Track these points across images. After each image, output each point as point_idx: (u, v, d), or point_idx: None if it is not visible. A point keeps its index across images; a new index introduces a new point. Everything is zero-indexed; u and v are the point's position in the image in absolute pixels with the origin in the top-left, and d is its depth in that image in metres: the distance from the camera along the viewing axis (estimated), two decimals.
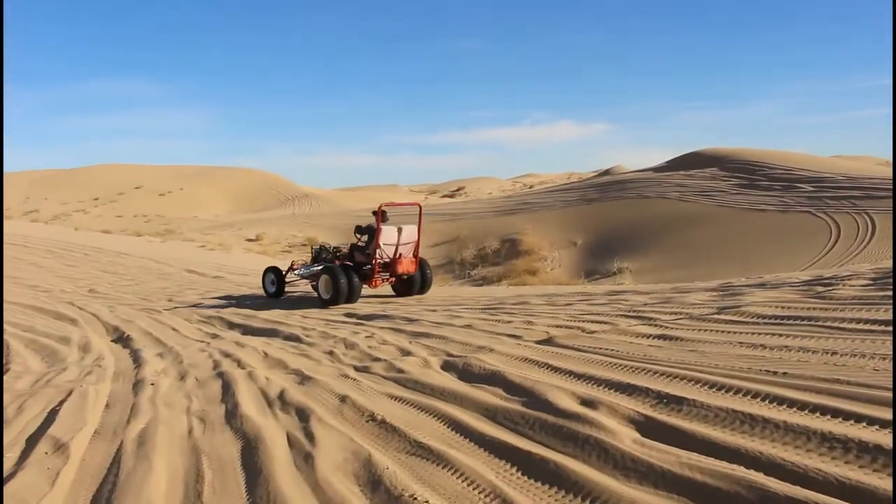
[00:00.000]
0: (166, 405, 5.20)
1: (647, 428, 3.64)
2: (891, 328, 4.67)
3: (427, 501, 3.16)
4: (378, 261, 11.22)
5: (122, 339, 8.98)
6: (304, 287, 12.51)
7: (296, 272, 11.98)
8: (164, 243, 27.35)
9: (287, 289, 12.30)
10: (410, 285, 11.69)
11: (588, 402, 4.11)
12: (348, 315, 9.53)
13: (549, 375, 4.86)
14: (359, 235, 11.78)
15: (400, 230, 11.38)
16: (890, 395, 3.43)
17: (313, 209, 61.22)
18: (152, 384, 5.88)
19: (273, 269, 12.32)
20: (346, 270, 11.01)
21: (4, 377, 7.15)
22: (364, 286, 11.30)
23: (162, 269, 17.70)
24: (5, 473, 4.01)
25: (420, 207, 12.73)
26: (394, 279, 11.60)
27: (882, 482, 2.67)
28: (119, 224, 49.83)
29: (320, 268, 11.32)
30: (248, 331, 8.96)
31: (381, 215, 11.25)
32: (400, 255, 11.36)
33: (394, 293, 11.89)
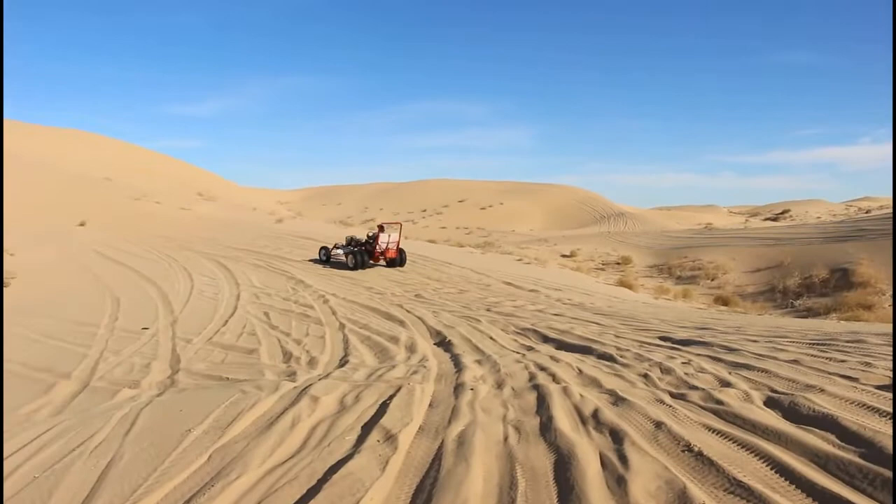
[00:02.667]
0: (484, 411, 5.53)
1: None
2: None
3: None
4: (378, 251, 21.07)
5: (444, 343, 9.77)
6: (338, 260, 21.37)
7: (336, 250, 21.69)
8: (484, 255, 29.12)
9: (332, 260, 21.58)
10: (394, 262, 21.21)
11: None
12: (663, 338, 9.30)
13: (892, 426, 4.30)
14: (368, 236, 21.75)
15: (389, 236, 21.34)
16: None
17: (628, 227, 60.63)
18: (472, 389, 6.30)
19: (324, 247, 22.28)
20: (361, 253, 20.63)
21: (344, 367, 8.21)
22: (371, 262, 21.07)
23: (481, 279, 18.89)
24: (343, 454, 4.60)
25: (400, 224, 22.77)
26: (385, 259, 21.22)
27: None
28: (443, 235, 54.13)
29: (347, 250, 21.13)
30: (562, 346, 9.17)
31: (381, 228, 21.31)
32: (388, 248, 21.25)
33: (386, 266, 21.29)
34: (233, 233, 30.51)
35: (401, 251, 21.54)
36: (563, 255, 37.61)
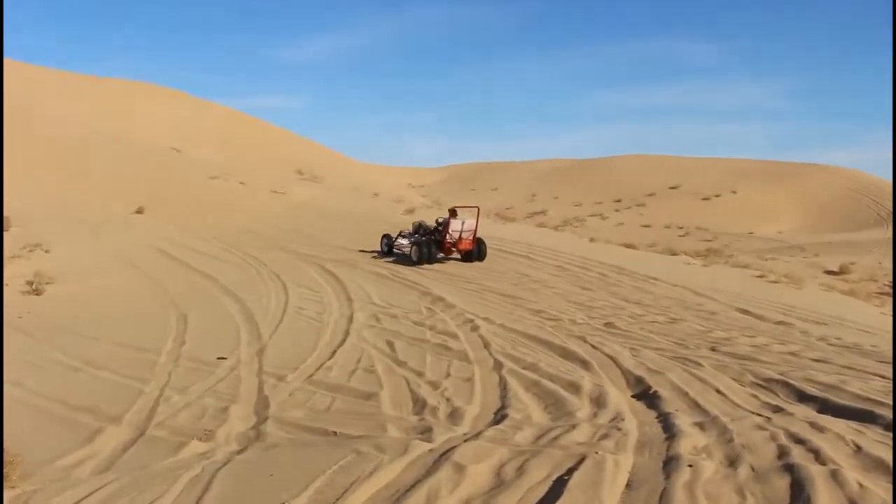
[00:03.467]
0: (710, 499, 5.38)
1: None
2: None
3: None
4: (448, 240, 24.31)
5: (646, 396, 9.60)
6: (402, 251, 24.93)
7: (401, 239, 25.18)
8: (707, 268, 28.44)
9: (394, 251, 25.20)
10: (470, 255, 24.60)
11: None
12: None
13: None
14: (438, 223, 25.20)
15: (463, 222, 24.48)
16: None
17: None
18: (690, 466, 6.14)
19: (387, 235, 25.95)
20: (428, 244, 23.94)
21: (501, 425, 8.24)
22: (440, 254, 24.49)
23: (703, 303, 18.45)
24: None
25: (478, 208, 26.30)
26: (458, 252, 24.62)
27: None
28: (646, 236, 53.41)
29: (413, 240, 24.58)
30: (828, 407, 8.80)
31: (452, 213, 24.75)
32: (461, 237, 24.35)
33: (462, 259, 24.78)
34: (344, 227, 31.48)
35: (479, 241, 24.96)
36: (829, 272, 36.21)
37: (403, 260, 23.89)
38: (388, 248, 25.47)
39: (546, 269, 23.09)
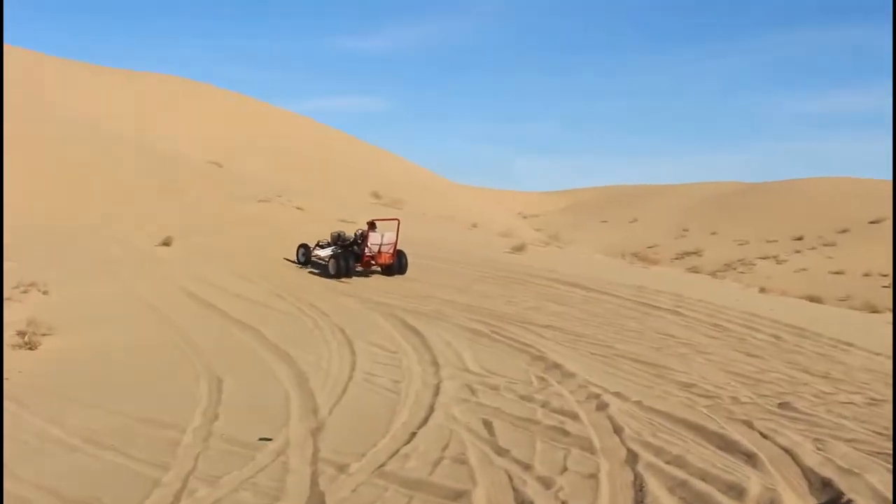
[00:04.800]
0: None
1: None
2: None
3: None
4: (368, 254, 30.05)
5: None
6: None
7: (319, 250, 30.86)
8: None
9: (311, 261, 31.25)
10: (390, 269, 30.56)
11: None
12: None
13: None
14: (357, 235, 30.89)
15: (382, 235, 30.21)
16: None
17: None
18: None
19: (304, 245, 31.80)
20: (346, 257, 29.57)
21: None
22: (359, 267, 30.30)
23: None
24: None
25: (398, 221, 31.53)
26: (378, 265, 30.60)
27: None
28: (837, 286, 52.51)
29: (331, 253, 30.18)
30: None
31: (371, 225, 30.42)
32: (381, 251, 30.13)
33: (382, 273, 30.75)
34: (431, 266, 31.47)
35: (399, 255, 30.93)
36: None
37: (485, 304, 23.60)
38: (304, 260, 31.65)
39: (699, 328, 22.53)
